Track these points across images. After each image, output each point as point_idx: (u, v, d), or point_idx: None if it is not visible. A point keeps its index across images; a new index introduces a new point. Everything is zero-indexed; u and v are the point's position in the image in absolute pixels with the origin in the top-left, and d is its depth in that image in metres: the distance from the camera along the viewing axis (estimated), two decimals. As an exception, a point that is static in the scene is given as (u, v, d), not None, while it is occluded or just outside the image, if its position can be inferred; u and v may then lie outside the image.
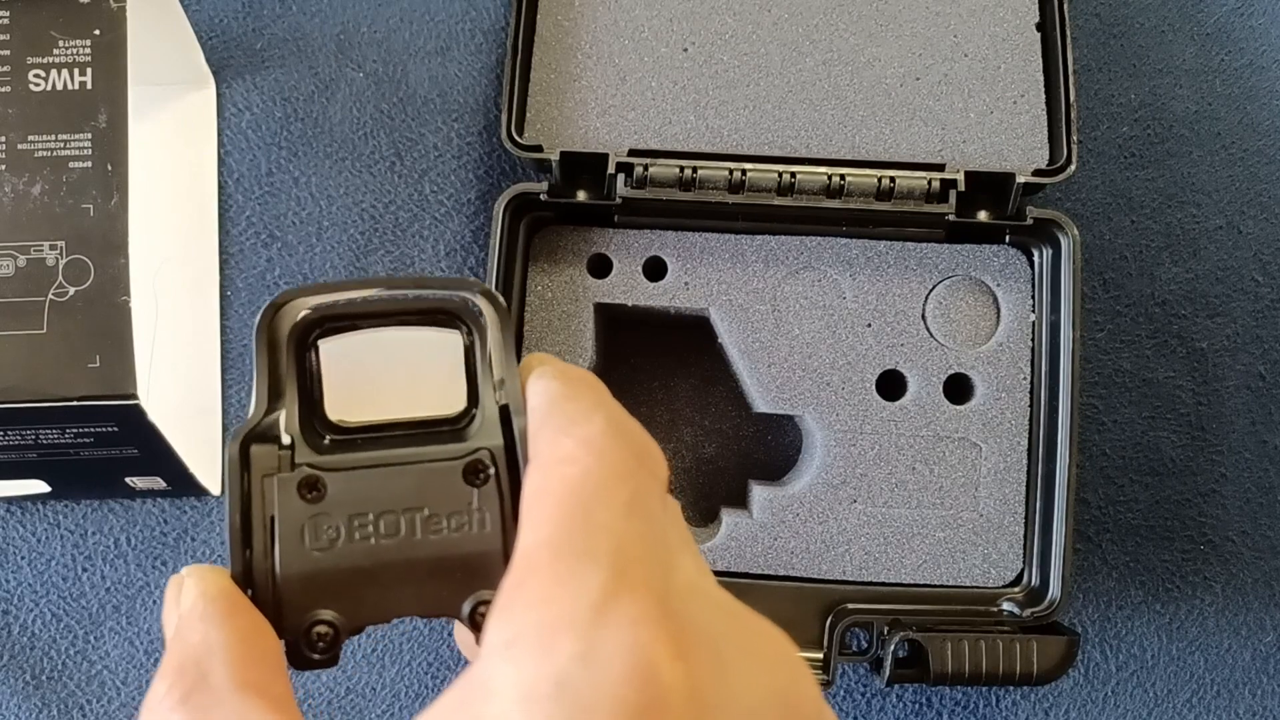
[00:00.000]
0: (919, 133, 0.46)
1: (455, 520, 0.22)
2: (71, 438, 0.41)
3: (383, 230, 0.49)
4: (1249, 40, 0.52)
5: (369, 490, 0.22)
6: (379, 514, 0.22)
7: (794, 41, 0.47)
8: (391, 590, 0.22)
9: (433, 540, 0.22)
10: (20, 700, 0.46)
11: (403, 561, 0.22)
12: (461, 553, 0.22)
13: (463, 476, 0.23)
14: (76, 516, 0.47)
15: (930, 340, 0.46)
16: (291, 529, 0.22)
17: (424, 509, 0.22)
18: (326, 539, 0.22)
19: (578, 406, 0.22)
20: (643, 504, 0.21)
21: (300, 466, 0.22)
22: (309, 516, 0.22)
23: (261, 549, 0.22)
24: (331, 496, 0.22)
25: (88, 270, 0.40)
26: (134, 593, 0.47)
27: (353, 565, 0.22)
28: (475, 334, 0.24)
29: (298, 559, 0.22)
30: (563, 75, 0.46)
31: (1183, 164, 0.51)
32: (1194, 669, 0.47)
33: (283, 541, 0.22)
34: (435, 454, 0.23)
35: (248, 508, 0.22)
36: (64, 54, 0.41)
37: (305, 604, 0.22)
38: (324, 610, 0.22)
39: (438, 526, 0.22)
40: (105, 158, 0.41)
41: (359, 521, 0.22)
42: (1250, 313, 0.49)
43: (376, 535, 0.22)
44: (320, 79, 0.50)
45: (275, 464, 0.22)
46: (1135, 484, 0.49)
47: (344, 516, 0.22)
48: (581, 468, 0.21)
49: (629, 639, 0.19)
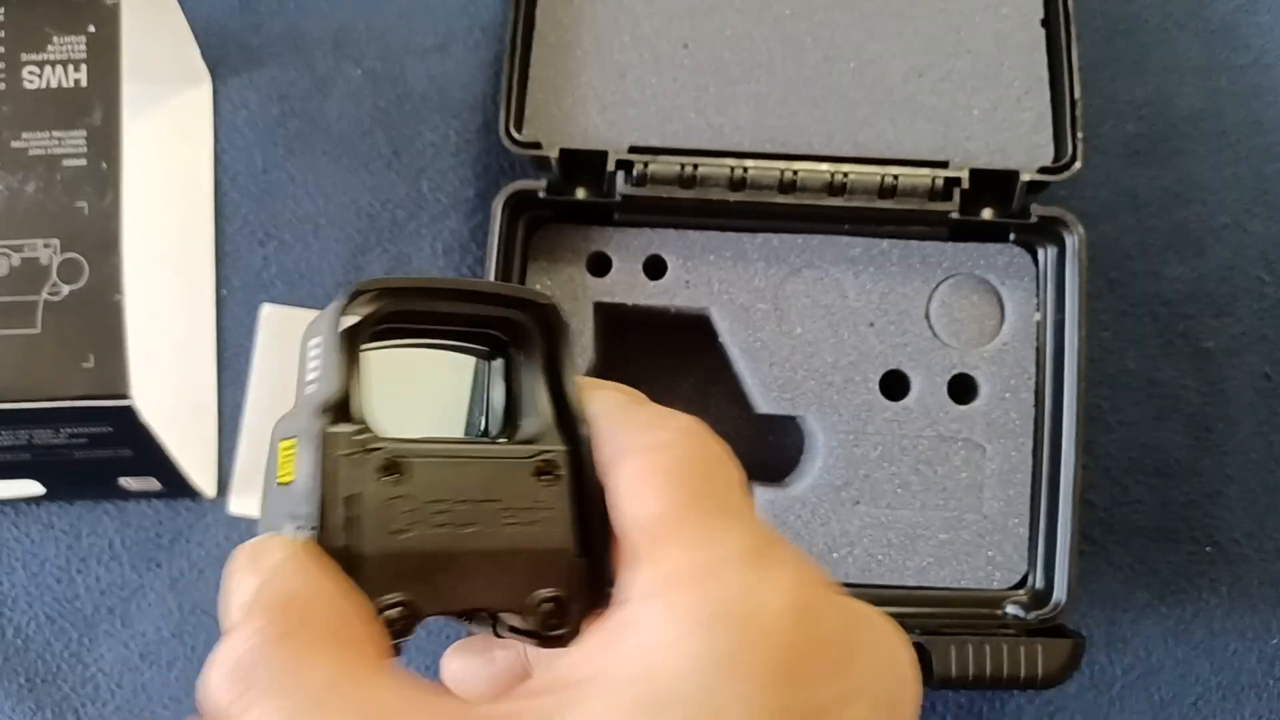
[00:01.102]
0: (922, 130, 0.46)
1: (527, 515, 0.23)
2: (65, 438, 0.41)
3: (380, 228, 0.49)
4: (1255, 37, 0.51)
5: (446, 478, 0.22)
6: (456, 502, 0.22)
7: (796, 37, 0.46)
8: (464, 579, 0.22)
9: (506, 532, 0.23)
10: (14, 703, 0.46)
11: (477, 551, 0.22)
12: (533, 547, 0.23)
13: (534, 475, 0.23)
14: (70, 518, 0.47)
15: (934, 340, 0.45)
16: (372, 509, 0.22)
17: (498, 501, 0.23)
18: (405, 522, 0.22)
19: (653, 410, 0.23)
20: (745, 489, 0.22)
21: (379, 448, 0.22)
22: (387, 498, 0.22)
23: (337, 528, 0.22)
24: (411, 480, 0.22)
25: (82, 269, 0.39)
26: (128, 595, 0.47)
27: (430, 550, 0.22)
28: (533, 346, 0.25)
29: (377, 539, 0.22)
30: (562, 72, 0.46)
31: (1188, 162, 0.50)
32: (1200, 672, 0.47)
33: (364, 521, 0.22)
34: (505, 451, 0.24)
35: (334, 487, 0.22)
36: (59, 50, 0.41)
37: (382, 586, 0.21)
38: (398, 594, 0.22)
39: (511, 520, 0.23)
40: (100, 155, 0.40)
41: (437, 508, 0.22)
42: (1256, 312, 0.49)
43: (453, 523, 0.22)
44: (317, 76, 0.50)
45: (351, 444, 0.22)
46: (1140, 485, 0.48)
47: (423, 501, 0.22)
48: (687, 449, 0.22)
49: (790, 577, 0.20)
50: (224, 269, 0.49)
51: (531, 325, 0.25)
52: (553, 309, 0.25)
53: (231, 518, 0.47)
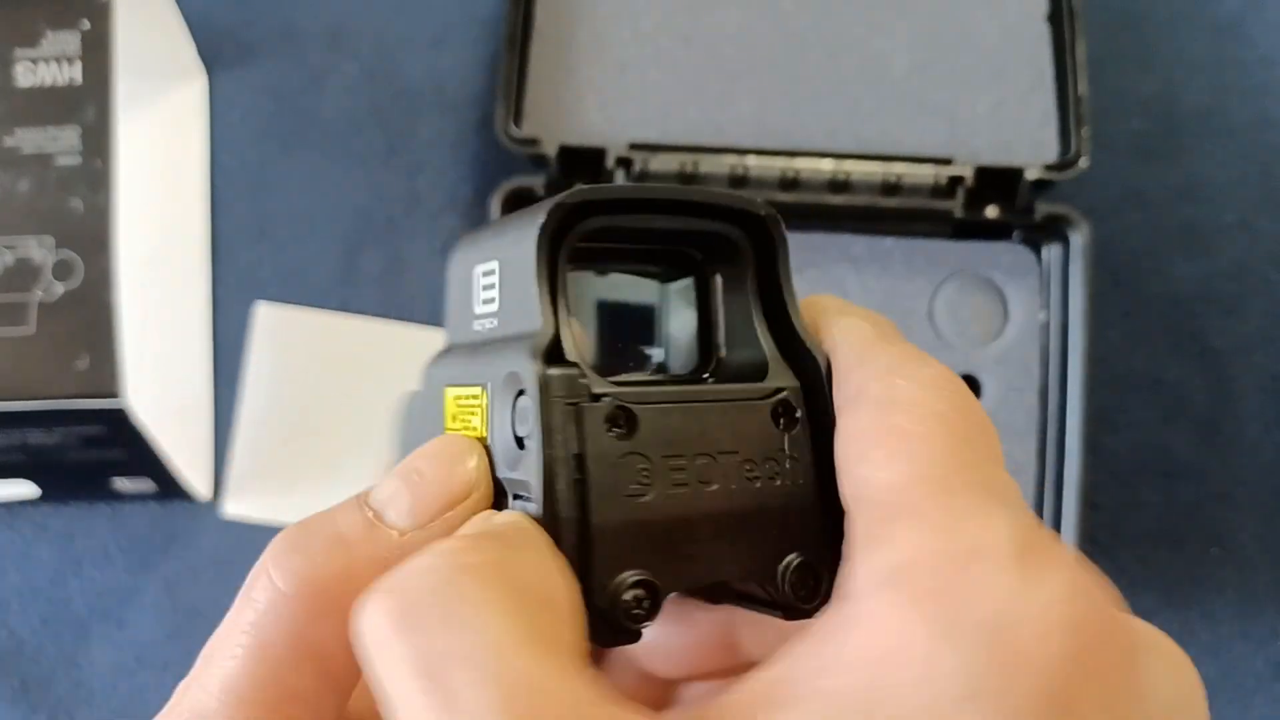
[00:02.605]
0: (926, 126, 0.45)
1: (771, 467, 0.19)
2: (59, 439, 0.41)
3: (376, 226, 0.49)
4: (1262, 33, 0.51)
5: (681, 427, 0.19)
6: (694, 455, 0.19)
7: (798, 33, 0.46)
8: (708, 548, 0.19)
9: (751, 490, 0.19)
10: (8, 706, 0.45)
11: (721, 514, 0.19)
12: (778, 505, 0.19)
13: (772, 419, 0.20)
14: (64, 520, 0.47)
15: (937, 339, 0.45)
16: (604, 470, 0.18)
17: (738, 452, 0.19)
18: (642, 484, 0.18)
19: (904, 349, 0.19)
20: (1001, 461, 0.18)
21: (604, 396, 0.19)
22: (620, 455, 0.18)
23: (566, 493, 0.18)
24: (643, 433, 0.19)
25: (76, 267, 0.39)
26: (123, 597, 0.46)
27: (670, 515, 0.18)
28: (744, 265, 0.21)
29: (613, 506, 0.18)
30: (561, 67, 0.46)
31: (1195, 159, 0.50)
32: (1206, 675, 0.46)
33: (596, 484, 0.18)
34: (737, 391, 0.20)
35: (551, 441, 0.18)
36: (52, 47, 0.41)
37: (619, 562, 0.18)
38: (638, 571, 0.18)
39: (753, 474, 0.19)
40: (94, 153, 0.40)
41: (674, 464, 0.19)
42: (1264, 311, 0.49)
43: (693, 481, 0.19)
44: (312, 72, 0.50)
45: (574, 391, 0.18)
46: (1147, 486, 0.48)
47: (658, 457, 0.19)
48: (940, 405, 0.18)
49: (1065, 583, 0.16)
50: (218, 267, 0.48)
51: (744, 240, 0.21)
52: (774, 219, 0.21)
53: (227, 520, 0.46)
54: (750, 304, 0.21)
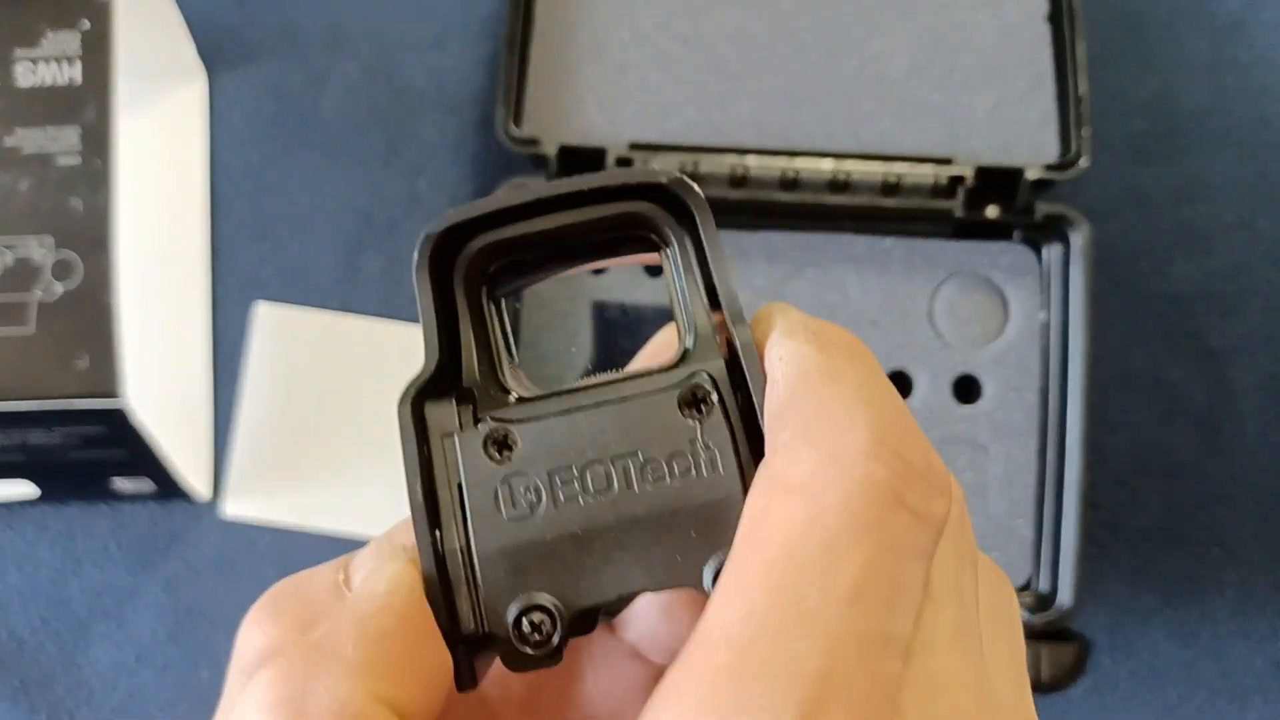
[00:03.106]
0: (926, 126, 0.45)
1: (679, 463, 0.18)
2: (59, 439, 0.41)
3: (376, 226, 0.49)
4: (1261, 34, 0.51)
5: (567, 438, 0.18)
6: (584, 465, 0.18)
7: (798, 32, 0.46)
8: (612, 561, 0.18)
9: (654, 491, 0.18)
10: (8, 706, 0.45)
11: (621, 521, 0.18)
12: (693, 503, 0.18)
13: (679, 408, 0.19)
14: (64, 520, 0.47)
15: (937, 339, 0.45)
16: (483, 497, 0.18)
17: (637, 453, 0.18)
18: (525, 504, 0.18)
19: (836, 395, 0.17)
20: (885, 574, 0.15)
21: (483, 420, 0.19)
22: (501, 479, 0.18)
23: (452, 526, 0.18)
24: (524, 451, 0.18)
25: (75, 267, 0.39)
26: (123, 597, 0.46)
27: (560, 533, 0.18)
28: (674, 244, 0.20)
29: (494, 532, 0.18)
30: (561, 67, 0.46)
31: (1195, 159, 0.50)
32: (1206, 675, 0.47)
33: (475, 513, 0.18)
34: (641, 387, 0.19)
35: (430, 478, 0.18)
36: (52, 47, 0.41)
37: (512, 587, 0.18)
38: (534, 593, 0.18)
39: (658, 473, 0.18)
40: (94, 153, 0.40)
41: (561, 478, 0.18)
42: (1264, 311, 0.49)
43: (584, 492, 0.18)
44: (313, 72, 0.50)
45: (455, 422, 0.19)
46: (1146, 487, 0.48)
47: (542, 474, 0.18)
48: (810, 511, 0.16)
49: None
50: (218, 267, 0.48)
51: (665, 216, 0.20)
52: (679, 183, 0.19)
53: (227, 520, 0.46)
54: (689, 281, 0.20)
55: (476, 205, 0.19)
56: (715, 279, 0.19)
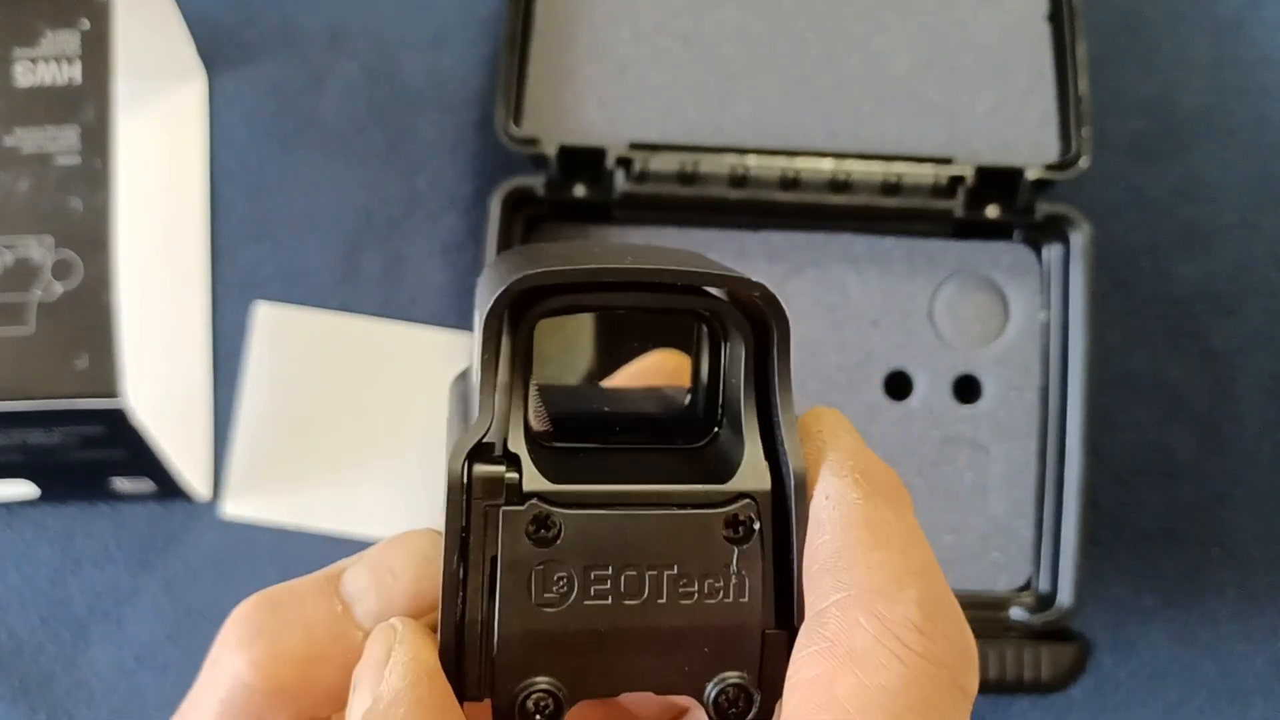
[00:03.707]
0: (926, 126, 0.45)
1: (709, 584, 0.19)
2: (59, 439, 0.41)
3: (376, 226, 0.49)
4: (1262, 34, 0.51)
5: (609, 537, 0.18)
6: (620, 568, 0.18)
7: (798, 32, 0.46)
8: (624, 660, 0.19)
9: (682, 607, 0.18)
10: (8, 707, 0.45)
11: (643, 628, 0.18)
12: (714, 624, 0.19)
13: (722, 530, 0.19)
14: (64, 520, 0.47)
15: (937, 339, 0.45)
16: (517, 577, 0.18)
17: (674, 566, 0.19)
18: (556, 593, 0.18)
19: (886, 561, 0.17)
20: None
21: (531, 499, 0.18)
22: (537, 564, 0.18)
23: (478, 597, 0.18)
24: (566, 541, 0.18)
25: (75, 267, 0.39)
26: (122, 598, 0.46)
27: (584, 628, 0.18)
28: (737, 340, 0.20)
29: (521, 614, 0.18)
30: (560, 67, 0.45)
31: (1196, 159, 0.50)
32: (1206, 675, 0.47)
33: (505, 591, 0.18)
34: (689, 496, 0.19)
35: (466, 545, 0.18)
36: (51, 46, 0.41)
37: (524, 668, 0.18)
38: (543, 677, 0.18)
39: (689, 590, 0.19)
40: (93, 152, 0.40)
41: (596, 575, 0.18)
42: (1265, 311, 0.49)
43: (615, 594, 0.18)
44: (312, 72, 0.50)
45: (501, 492, 0.18)
46: (1147, 487, 0.48)
47: (579, 567, 0.18)
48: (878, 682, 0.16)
49: None
50: (218, 267, 0.48)
51: (734, 316, 0.20)
52: (765, 295, 0.19)
53: (227, 520, 0.46)
54: (742, 387, 0.20)
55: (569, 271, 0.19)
56: (778, 403, 0.19)
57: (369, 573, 0.20)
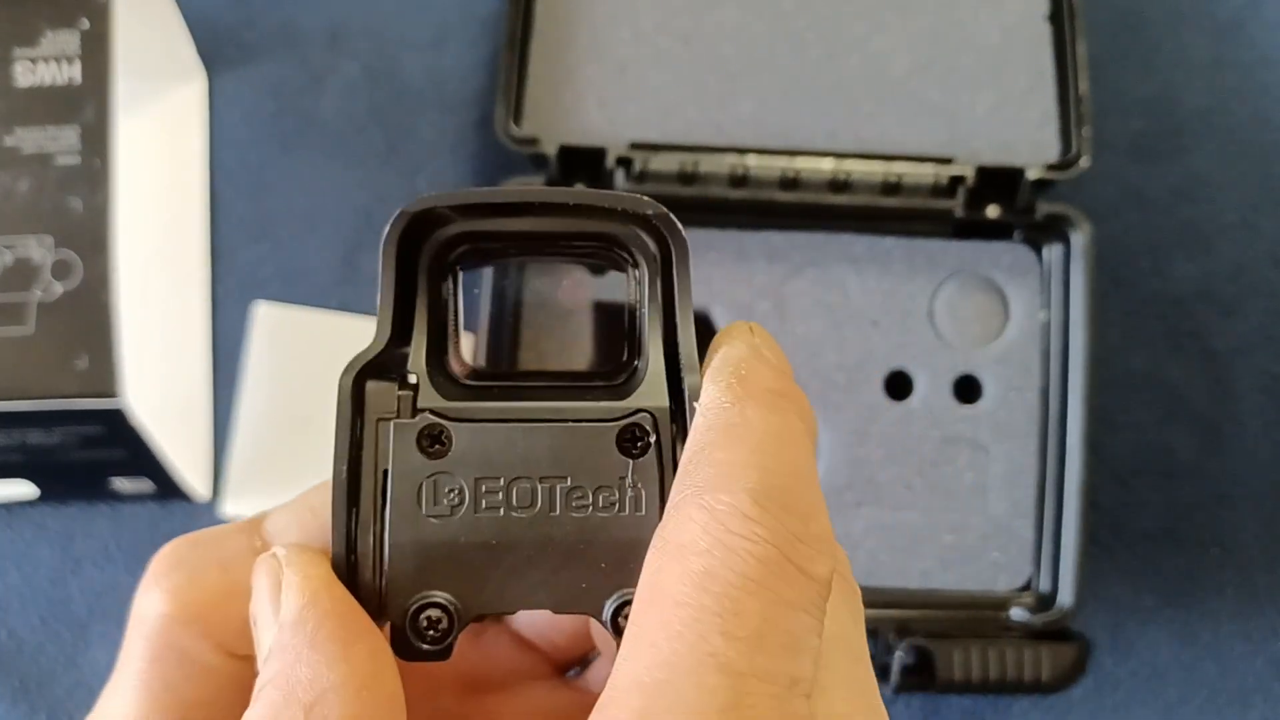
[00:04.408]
0: (926, 126, 0.45)
1: (604, 496, 0.19)
2: (59, 439, 0.41)
3: (376, 226, 0.49)
4: (1261, 34, 0.51)
5: (502, 449, 0.19)
6: (512, 479, 0.19)
7: (798, 32, 0.46)
8: (519, 575, 0.19)
9: (575, 519, 0.19)
10: (8, 706, 0.45)
11: (536, 540, 0.18)
12: (608, 538, 0.18)
13: (617, 443, 0.19)
14: (64, 520, 0.47)
15: (938, 339, 0.45)
16: (406, 488, 0.18)
17: (567, 479, 0.19)
18: (447, 504, 0.18)
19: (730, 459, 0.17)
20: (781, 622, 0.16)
21: (423, 413, 0.19)
22: (428, 475, 0.19)
23: (370, 509, 0.19)
24: (456, 453, 0.19)
25: (75, 267, 0.39)
26: (122, 597, 0.46)
27: (475, 540, 0.18)
28: (644, 267, 0.20)
29: (411, 526, 0.18)
30: (561, 67, 0.45)
31: (1195, 159, 0.50)
32: (1206, 675, 0.46)
33: (395, 503, 0.18)
34: (585, 411, 0.19)
35: (358, 458, 0.19)
36: (51, 47, 0.41)
37: (416, 581, 0.18)
38: (437, 591, 0.18)
39: (582, 502, 0.19)
40: (93, 152, 0.40)
41: (487, 487, 0.19)
42: (1265, 311, 0.49)
43: (507, 505, 0.18)
44: (312, 72, 0.50)
45: (394, 406, 0.19)
46: (1147, 487, 0.48)
47: (469, 479, 0.19)
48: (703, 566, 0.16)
49: None
50: (218, 267, 0.48)
51: (641, 243, 0.20)
52: (660, 214, 0.19)
53: (226, 520, 0.46)
54: (646, 310, 0.20)
55: (460, 194, 0.19)
56: (678, 320, 0.19)
57: (289, 512, 0.20)
